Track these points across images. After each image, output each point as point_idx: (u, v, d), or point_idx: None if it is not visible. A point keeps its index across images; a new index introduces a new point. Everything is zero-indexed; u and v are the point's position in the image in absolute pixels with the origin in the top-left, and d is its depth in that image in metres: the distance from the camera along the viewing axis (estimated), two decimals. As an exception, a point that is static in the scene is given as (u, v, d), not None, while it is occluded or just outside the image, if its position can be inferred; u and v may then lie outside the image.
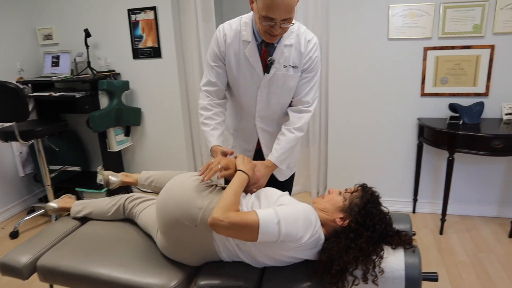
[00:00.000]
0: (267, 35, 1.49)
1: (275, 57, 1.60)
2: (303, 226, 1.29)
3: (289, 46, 1.61)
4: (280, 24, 1.41)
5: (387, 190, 3.06)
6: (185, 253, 1.51)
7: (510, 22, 2.57)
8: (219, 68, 1.68)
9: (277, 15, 1.38)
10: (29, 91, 3.29)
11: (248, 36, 1.59)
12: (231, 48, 1.63)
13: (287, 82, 1.65)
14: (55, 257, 1.62)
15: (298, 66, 1.64)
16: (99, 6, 3.32)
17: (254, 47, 1.60)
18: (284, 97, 1.70)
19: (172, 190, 1.55)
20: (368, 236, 1.31)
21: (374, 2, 2.75)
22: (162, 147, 3.54)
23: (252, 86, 1.67)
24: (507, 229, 2.70)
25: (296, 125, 1.69)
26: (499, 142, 2.35)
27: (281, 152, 1.67)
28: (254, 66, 1.62)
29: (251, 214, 1.27)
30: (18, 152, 3.34)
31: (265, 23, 1.42)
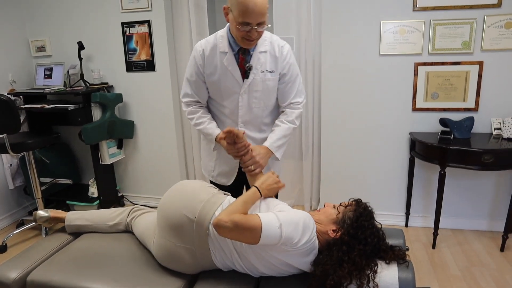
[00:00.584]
0: (245, 40, 1.62)
1: (252, 63, 1.73)
2: (302, 231, 1.33)
3: (264, 52, 1.75)
4: (256, 28, 1.55)
5: (380, 204, 3.07)
6: (180, 255, 1.51)
7: (497, 40, 2.64)
8: (197, 83, 1.80)
9: (253, 19, 1.52)
10: (20, 102, 3.27)
11: (225, 47, 1.72)
12: (209, 61, 1.75)
13: (265, 85, 1.77)
14: (46, 272, 1.60)
15: (274, 70, 1.78)
16: (93, 19, 3.33)
17: (231, 56, 1.72)
18: (264, 100, 1.81)
19: (178, 187, 1.63)
20: (360, 249, 1.33)
21: (366, 18, 2.80)
22: (155, 160, 3.52)
23: (233, 93, 1.77)
24: (498, 243, 2.72)
25: (288, 117, 1.83)
26: (489, 156, 2.39)
27: (276, 138, 1.79)
28: (233, 74, 1.74)
29: (253, 217, 1.30)
30: (8, 164, 3.30)
31: (242, 28, 1.55)
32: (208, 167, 2.02)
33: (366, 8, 2.79)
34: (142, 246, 1.75)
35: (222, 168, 1.95)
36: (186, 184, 1.65)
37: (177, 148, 3.44)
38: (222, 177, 1.97)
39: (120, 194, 3.63)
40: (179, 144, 3.48)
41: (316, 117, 3.18)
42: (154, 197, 3.59)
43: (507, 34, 2.61)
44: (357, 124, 3.00)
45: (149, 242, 1.66)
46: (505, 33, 2.61)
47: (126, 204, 3.60)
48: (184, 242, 1.49)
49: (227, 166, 1.92)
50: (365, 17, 2.80)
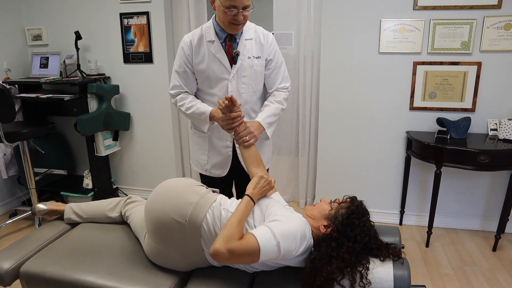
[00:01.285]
0: (232, 25, 1.71)
1: (239, 49, 1.81)
2: (300, 241, 1.32)
3: (250, 39, 1.84)
4: (242, 11, 1.65)
5: (375, 201, 3.09)
6: (172, 255, 1.50)
7: (496, 41, 2.64)
8: (185, 73, 1.85)
9: (239, 2, 1.62)
10: (15, 91, 3.23)
11: (212, 36, 1.80)
12: (198, 50, 1.81)
13: (253, 70, 1.85)
14: (40, 263, 1.58)
15: (260, 56, 1.86)
16: (91, 9, 3.29)
17: (218, 44, 1.80)
18: (253, 85, 1.88)
19: (162, 189, 1.57)
20: (349, 246, 1.33)
21: (366, 16, 2.80)
22: (151, 153, 3.50)
23: (222, 80, 1.83)
24: (491, 243, 2.74)
25: (276, 98, 1.91)
26: (485, 157, 2.40)
27: (266, 115, 1.85)
28: (221, 61, 1.80)
29: (250, 240, 1.25)
30: (2, 153, 3.26)
31: (229, 12, 1.64)
32: (200, 161, 2.01)
33: (366, 6, 2.78)
34: (137, 239, 1.74)
35: (215, 159, 1.95)
36: (171, 186, 1.58)
37: (173, 141, 3.43)
38: (216, 169, 1.97)
39: (115, 186, 3.61)
40: (175, 137, 3.47)
41: (313, 113, 3.18)
42: (149, 190, 3.57)
43: (506, 36, 2.62)
44: (354, 121, 3.00)
45: (141, 238, 1.65)
46: (504, 35, 2.62)
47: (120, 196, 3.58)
48: (175, 245, 1.47)
49: (220, 156, 1.94)
50: (366, 15, 2.80)
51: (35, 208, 1.96)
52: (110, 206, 1.90)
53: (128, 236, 1.77)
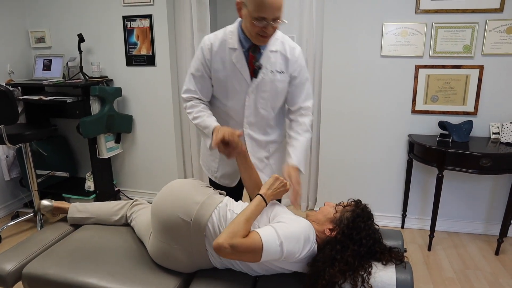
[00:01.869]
0: (259, 37, 1.55)
1: (262, 62, 1.65)
2: (303, 244, 1.32)
3: (275, 52, 1.67)
4: (271, 23, 1.49)
5: (377, 205, 3.08)
6: (176, 255, 1.50)
7: (498, 44, 2.64)
8: (202, 78, 1.71)
9: (269, 14, 1.46)
10: (18, 93, 3.24)
11: (235, 43, 1.64)
12: (217, 57, 1.66)
13: (274, 86, 1.70)
14: (43, 265, 1.58)
15: (284, 71, 1.70)
16: (94, 11, 3.31)
17: (241, 53, 1.64)
18: (271, 102, 1.74)
19: (170, 188, 1.58)
20: (354, 250, 1.32)
21: (368, 20, 2.80)
22: (153, 156, 3.51)
23: (240, 92, 1.69)
24: (493, 247, 2.73)
25: (302, 127, 1.76)
26: (487, 160, 2.40)
27: (299, 155, 1.70)
28: (242, 72, 1.65)
29: (254, 238, 1.26)
30: (5, 155, 3.27)
31: (258, 23, 1.49)
32: (211, 167, 1.92)
33: (368, 9, 2.78)
34: (140, 241, 1.74)
35: (225, 169, 1.87)
36: (179, 185, 1.59)
37: (175, 144, 3.43)
38: (225, 179, 1.89)
39: (117, 188, 3.61)
40: (178, 140, 3.47)
41: (315, 116, 3.18)
42: (150, 193, 3.57)
43: (508, 39, 2.62)
44: (356, 124, 3.00)
45: (145, 240, 1.65)
46: (506, 38, 2.62)
47: (122, 198, 3.59)
48: (180, 243, 1.48)
49: (231, 167, 1.84)
50: (368, 18, 2.80)
51: (39, 204, 1.95)
52: (116, 208, 1.90)
53: (130, 238, 1.77)
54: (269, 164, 1.86)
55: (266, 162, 1.85)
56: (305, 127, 1.77)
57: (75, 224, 1.94)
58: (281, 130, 1.91)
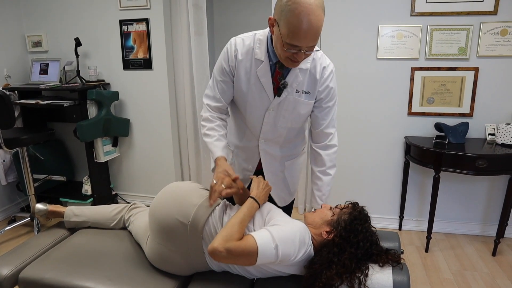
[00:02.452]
0: (289, 61, 1.39)
1: (288, 80, 1.51)
2: (299, 246, 1.32)
3: (304, 70, 1.52)
4: (304, 51, 1.32)
5: (374, 207, 3.09)
6: (174, 257, 1.50)
7: (492, 46, 2.66)
8: (225, 83, 1.59)
9: (303, 43, 1.29)
10: (15, 98, 3.24)
11: (262, 55, 1.49)
12: (241, 65, 1.53)
13: (297, 107, 1.57)
14: (39, 269, 1.58)
15: (311, 93, 1.56)
16: (91, 15, 3.31)
17: (267, 67, 1.50)
18: (292, 122, 1.62)
19: (168, 190, 1.58)
20: (351, 252, 1.32)
21: (364, 22, 2.82)
22: (150, 159, 3.51)
23: (260, 107, 1.58)
24: (490, 248, 2.74)
25: (328, 164, 1.63)
26: (483, 161, 2.41)
27: (325, 198, 1.65)
28: (265, 87, 1.53)
29: (249, 241, 1.26)
30: (1, 160, 3.26)
31: (289, 50, 1.32)
32: None
33: (364, 12, 2.80)
34: (137, 244, 1.74)
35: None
36: (177, 187, 1.60)
37: (173, 147, 3.43)
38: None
39: (114, 192, 3.61)
40: (175, 144, 3.47)
41: (312, 119, 3.18)
42: (148, 196, 3.57)
43: (503, 41, 2.64)
44: (352, 126, 3.01)
45: (142, 243, 1.65)
46: (501, 40, 2.64)
47: (119, 202, 3.58)
48: (177, 246, 1.48)
49: (241, 175, 1.76)
50: (363, 21, 2.82)
51: (34, 208, 1.93)
52: (114, 212, 1.89)
53: (128, 242, 1.77)
54: (284, 178, 1.79)
55: (281, 176, 1.78)
56: (331, 163, 1.64)
57: (71, 228, 1.93)
58: (299, 144, 1.81)
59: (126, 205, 1.92)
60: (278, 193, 1.79)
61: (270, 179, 1.74)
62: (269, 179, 1.73)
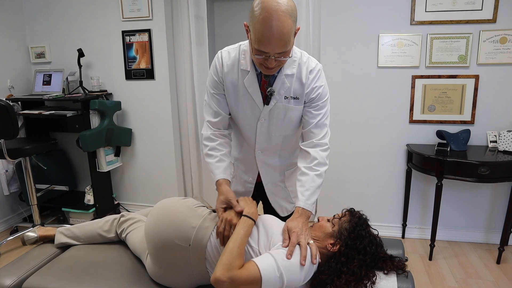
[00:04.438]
0: (263, 67, 1.39)
1: (276, 87, 1.49)
2: (306, 273, 1.29)
3: (291, 76, 1.50)
4: (274, 57, 1.31)
5: (377, 215, 3.08)
6: (176, 277, 1.48)
7: (492, 54, 2.68)
8: (219, 95, 1.58)
9: (270, 49, 1.28)
10: (18, 108, 3.26)
11: (247, 65, 1.49)
12: (228, 77, 1.53)
13: (288, 114, 1.55)
14: (42, 280, 1.57)
15: (299, 98, 1.53)
16: (94, 26, 3.35)
17: (253, 77, 1.49)
18: (285, 129, 1.60)
19: (162, 211, 1.53)
20: (360, 259, 1.32)
21: (365, 31, 2.84)
22: (152, 169, 3.51)
23: (251, 118, 1.57)
24: (495, 255, 2.73)
25: (315, 160, 1.52)
26: (486, 169, 2.41)
27: (308, 194, 1.47)
28: (253, 97, 1.52)
29: (252, 270, 1.22)
30: (4, 170, 3.27)
31: (257, 56, 1.32)
32: None
33: (364, 21, 2.83)
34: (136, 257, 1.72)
35: (237, 187, 1.79)
36: (171, 208, 1.52)
37: (175, 157, 3.44)
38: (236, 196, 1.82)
39: (116, 202, 3.61)
40: (177, 154, 3.48)
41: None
42: (150, 206, 3.55)
43: (502, 49, 2.66)
44: (354, 135, 3.02)
45: (142, 257, 1.63)
46: (500, 48, 2.66)
47: (121, 212, 3.57)
48: (179, 267, 1.45)
49: (242, 187, 1.78)
50: (364, 30, 2.84)
51: (23, 237, 1.87)
52: (106, 227, 1.84)
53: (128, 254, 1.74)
54: (285, 188, 1.77)
55: (282, 186, 1.76)
56: (318, 159, 1.53)
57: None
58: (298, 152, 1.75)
59: (115, 217, 1.86)
60: (280, 203, 1.77)
61: (271, 190, 1.73)
62: (270, 189, 1.72)
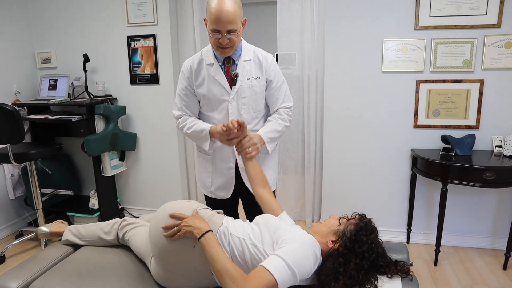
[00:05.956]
0: (219, 49, 1.73)
1: (239, 71, 1.83)
2: (313, 262, 1.31)
3: (248, 61, 1.86)
4: (226, 35, 1.65)
5: (381, 220, 3.06)
6: (181, 279, 1.48)
7: (497, 59, 2.68)
8: (187, 96, 1.90)
9: (221, 27, 1.63)
10: (24, 113, 3.29)
11: (211, 59, 1.84)
12: (198, 74, 1.86)
13: (252, 90, 1.86)
14: (48, 283, 1.58)
15: (260, 77, 1.87)
16: (99, 32, 3.38)
17: (217, 67, 1.83)
18: (253, 106, 1.89)
19: (166, 213, 1.53)
20: (356, 263, 1.32)
21: (369, 36, 2.85)
22: (156, 173, 3.52)
23: (222, 102, 1.86)
24: (501, 261, 2.70)
25: (280, 115, 1.92)
26: (491, 173, 2.40)
27: (268, 130, 1.87)
28: (221, 83, 1.83)
29: (266, 277, 1.20)
30: (10, 174, 3.29)
31: (213, 35, 1.67)
32: (206, 183, 2.02)
33: (368, 27, 2.84)
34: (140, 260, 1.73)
35: (219, 181, 1.97)
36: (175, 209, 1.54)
37: (179, 161, 3.45)
38: (220, 191, 1.99)
39: (121, 206, 3.62)
40: (181, 158, 3.49)
41: (318, 132, 3.20)
42: (154, 210, 3.55)
43: (507, 54, 2.65)
44: (359, 139, 3.02)
45: (146, 261, 1.64)
46: (505, 53, 2.66)
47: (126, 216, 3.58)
48: (183, 269, 1.46)
49: (224, 177, 1.96)
50: (368, 35, 2.85)
51: (37, 231, 2.03)
52: (106, 229, 1.87)
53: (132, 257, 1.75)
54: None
55: None
56: (282, 116, 1.92)
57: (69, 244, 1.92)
58: None
59: (116, 221, 1.88)
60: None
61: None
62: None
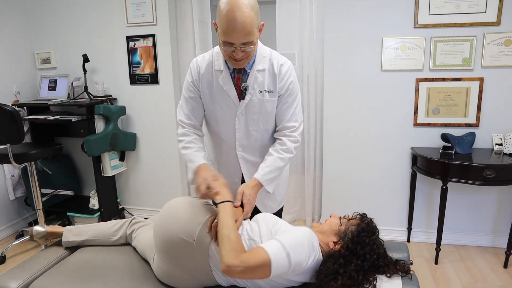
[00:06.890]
0: (232, 60, 1.48)
1: (249, 83, 1.58)
2: (309, 251, 1.31)
3: (262, 71, 1.59)
4: (240, 48, 1.40)
5: (382, 218, 3.06)
6: (182, 274, 1.49)
7: (497, 57, 2.67)
8: (194, 100, 1.67)
9: (235, 39, 1.37)
10: (24, 114, 3.29)
11: (221, 65, 1.59)
12: (204, 79, 1.62)
13: (263, 107, 1.62)
14: (48, 283, 1.57)
15: (273, 91, 1.62)
16: (99, 32, 3.38)
17: (227, 75, 1.58)
18: (263, 123, 1.66)
19: (170, 208, 1.56)
20: (357, 264, 1.32)
21: (368, 35, 2.85)
22: (156, 173, 3.52)
23: (229, 115, 1.64)
24: (501, 259, 2.70)
25: (283, 146, 1.64)
26: (491, 171, 2.39)
27: (268, 170, 1.59)
28: (229, 94, 1.60)
29: (261, 253, 1.24)
30: (10, 175, 3.30)
31: (225, 48, 1.42)
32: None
33: (368, 25, 2.83)
34: (143, 259, 1.73)
35: None
36: (180, 205, 1.56)
37: (179, 161, 3.45)
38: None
39: (121, 206, 3.62)
40: (181, 158, 3.49)
41: (318, 131, 3.20)
42: (154, 210, 3.57)
43: (507, 51, 2.65)
44: (358, 138, 3.02)
45: (149, 259, 1.64)
46: (505, 50, 2.65)
47: (126, 216, 3.58)
48: (183, 264, 1.46)
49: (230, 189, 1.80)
50: (367, 34, 2.85)
51: (32, 230, 1.88)
52: (115, 228, 1.87)
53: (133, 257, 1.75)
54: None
55: None
56: (286, 146, 1.64)
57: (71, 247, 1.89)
58: None
59: (126, 220, 1.89)
60: (263, 201, 1.76)
61: None
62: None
